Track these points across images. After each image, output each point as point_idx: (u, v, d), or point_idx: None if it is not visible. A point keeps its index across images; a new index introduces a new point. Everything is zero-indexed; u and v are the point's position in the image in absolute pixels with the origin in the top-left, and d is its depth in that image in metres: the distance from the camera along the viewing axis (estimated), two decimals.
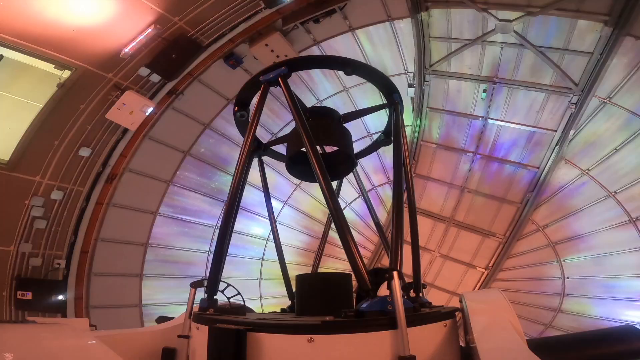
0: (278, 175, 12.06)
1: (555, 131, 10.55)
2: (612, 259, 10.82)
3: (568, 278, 11.75)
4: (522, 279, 12.89)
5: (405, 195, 3.36)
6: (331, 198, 2.70)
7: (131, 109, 8.67)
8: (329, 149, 4.38)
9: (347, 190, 11.75)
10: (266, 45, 9.43)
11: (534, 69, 9.82)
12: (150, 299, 10.91)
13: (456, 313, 2.54)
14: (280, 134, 11.27)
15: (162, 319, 3.50)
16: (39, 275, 8.52)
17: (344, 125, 4.14)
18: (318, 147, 3.21)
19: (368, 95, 11.61)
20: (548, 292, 12.22)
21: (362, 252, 7.43)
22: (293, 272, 3.72)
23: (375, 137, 5.34)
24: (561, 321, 11.90)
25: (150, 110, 9.13)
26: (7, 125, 7.76)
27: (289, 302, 3.96)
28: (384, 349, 1.96)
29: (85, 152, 8.71)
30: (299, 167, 3.91)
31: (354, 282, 2.79)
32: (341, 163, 4.19)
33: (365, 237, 14.36)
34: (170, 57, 9.01)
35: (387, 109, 4.10)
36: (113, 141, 9.30)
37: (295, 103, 3.40)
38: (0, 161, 7.54)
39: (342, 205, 7.32)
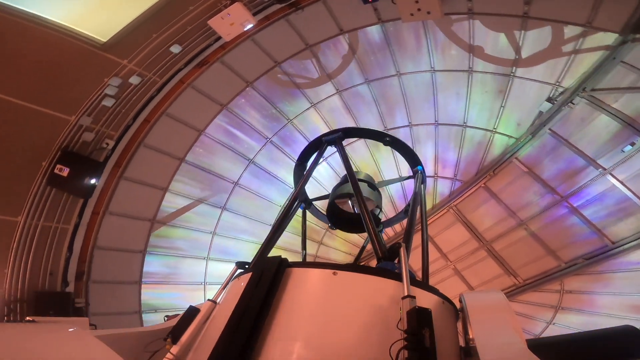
0: None
1: None
2: None
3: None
4: None
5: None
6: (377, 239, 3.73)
7: (233, 21, 8.58)
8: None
9: None
10: None
11: None
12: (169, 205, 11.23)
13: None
14: None
15: (170, 318, 3.67)
16: (85, 152, 8.62)
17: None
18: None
19: None
20: None
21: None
22: None
23: None
24: None
25: (249, 26, 8.96)
26: (117, 9, 7.63)
27: None
28: (387, 291, 2.57)
29: (175, 49, 8.81)
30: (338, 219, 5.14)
31: None
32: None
33: None
34: None
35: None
36: (202, 46, 9.34)
37: (348, 162, 4.66)
38: (98, 41, 7.64)
39: None
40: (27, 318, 3.02)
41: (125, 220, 10.12)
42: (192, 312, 3.16)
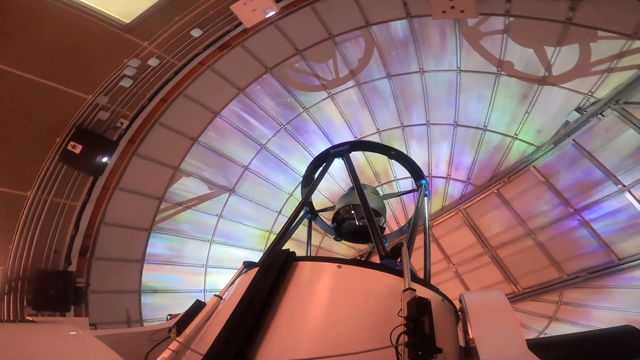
0: None
1: None
2: None
3: None
4: None
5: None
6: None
7: (255, 7, 8.46)
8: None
9: None
10: None
11: None
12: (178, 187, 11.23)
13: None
14: None
15: (172, 317, 3.70)
16: (99, 130, 8.65)
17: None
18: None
19: None
20: None
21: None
22: None
23: None
24: None
25: (271, 13, 8.85)
26: None
27: None
28: (389, 285, 2.68)
29: (196, 33, 8.71)
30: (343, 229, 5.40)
31: None
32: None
33: None
34: None
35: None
36: (222, 32, 9.20)
37: (355, 174, 4.77)
38: (121, 22, 7.55)
39: None
40: (27, 318, 3.02)
41: (134, 197, 10.17)
42: (198, 306, 3.26)
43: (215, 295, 3.33)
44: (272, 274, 2.77)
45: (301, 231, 11.63)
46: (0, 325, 3.03)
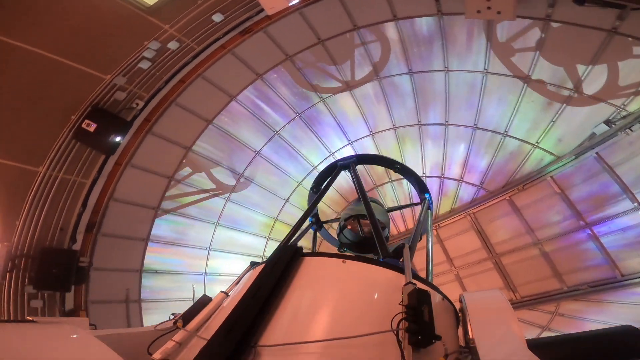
0: None
1: None
2: None
3: None
4: None
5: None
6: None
7: None
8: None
9: None
10: None
11: None
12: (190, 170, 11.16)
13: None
14: None
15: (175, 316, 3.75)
16: (114, 110, 8.65)
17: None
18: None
19: None
20: None
21: None
22: None
23: None
24: None
25: (295, 1, 8.68)
26: None
27: None
28: (391, 279, 2.72)
29: (217, 17, 8.63)
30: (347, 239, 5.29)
31: None
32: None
33: None
34: None
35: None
36: (243, 17, 9.07)
37: (362, 186, 4.92)
38: (144, 4, 7.44)
39: None
40: (28, 318, 3.03)
41: (145, 174, 10.20)
42: (205, 300, 3.34)
43: (221, 291, 3.35)
44: (281, 265, 2.86)
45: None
46: (0, 325, 3.03)
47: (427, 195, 5.60)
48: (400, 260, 3.57)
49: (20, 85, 6.94)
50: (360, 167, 5.65)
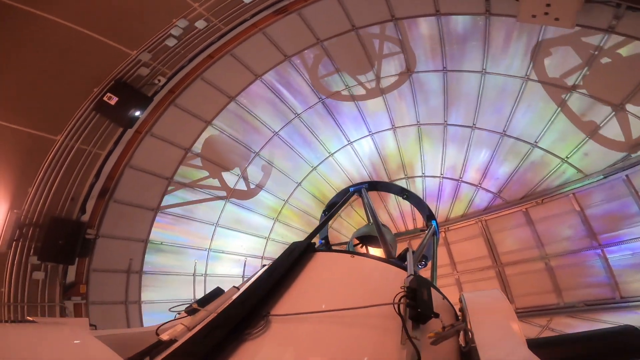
0: None
1: None
2: None
3: None
4: None
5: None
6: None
7: None
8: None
9: None
10: None
11: None
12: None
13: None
14: None
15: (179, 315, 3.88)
16: (136, 85, 8.65)
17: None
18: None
19: None
20: None
21: None
22: None
23: None
24: None
25: None
26: None
27: None
28: (395, 274, 2.99)
29: None
30: None
31: None
32: None
33: None
34: None
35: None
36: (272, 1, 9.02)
37: (373, 210, 5.20)
38: None
39: None
40: (28, 318, 3.04)
41: (162, 144, 10.25)
42: (218, 291, 3.50)
43: (234, 286, 3.43)
44: (295, 254, 3.10)
45: (315, 203, 11.78)
46: (0, 326, 3.06)
47: (433, 223, 5.74)
48: (404, 264, 3.71)
49: (45, 56, 6.91)
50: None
